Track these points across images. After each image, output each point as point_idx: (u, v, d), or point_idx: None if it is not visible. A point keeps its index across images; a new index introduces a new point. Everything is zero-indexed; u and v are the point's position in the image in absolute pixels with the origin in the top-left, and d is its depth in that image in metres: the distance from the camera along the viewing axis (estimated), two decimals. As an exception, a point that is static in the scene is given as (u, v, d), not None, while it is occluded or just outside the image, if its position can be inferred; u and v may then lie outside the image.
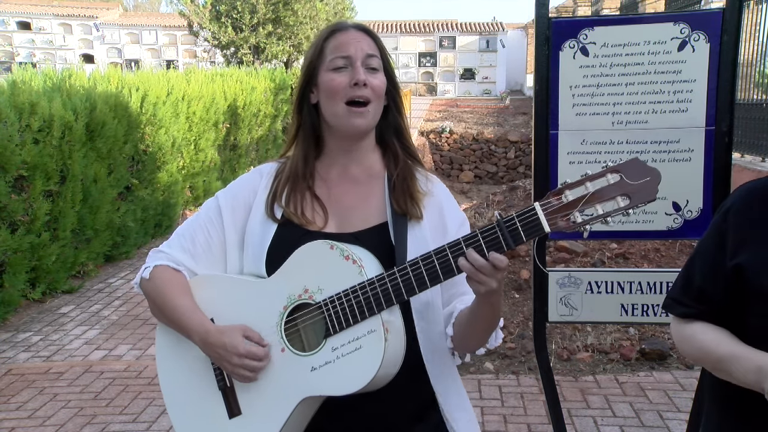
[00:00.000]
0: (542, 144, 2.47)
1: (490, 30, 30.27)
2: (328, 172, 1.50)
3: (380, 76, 1.44)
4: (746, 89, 6.98)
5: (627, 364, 4.20)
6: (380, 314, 1.29)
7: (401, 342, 1.34)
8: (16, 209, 5.17)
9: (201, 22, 16.93)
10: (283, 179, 1.49)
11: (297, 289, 1.35)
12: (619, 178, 1.22)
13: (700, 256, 1.45)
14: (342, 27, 1.47)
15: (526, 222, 1.24)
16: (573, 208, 1.23)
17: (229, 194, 1.52)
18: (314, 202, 1.47)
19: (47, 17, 30.58)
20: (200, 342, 1.40)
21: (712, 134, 2.37)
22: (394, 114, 1.51)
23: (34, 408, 3.85)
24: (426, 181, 1.50)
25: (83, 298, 5.85)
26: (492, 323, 1.40)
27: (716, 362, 1.35)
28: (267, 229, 1.45)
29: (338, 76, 1.41)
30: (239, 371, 1.36)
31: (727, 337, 1.36)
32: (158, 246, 1.54)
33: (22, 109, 5.41)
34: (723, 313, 1.38)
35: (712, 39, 2.32)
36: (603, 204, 1.22)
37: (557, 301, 2.57)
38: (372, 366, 1.27)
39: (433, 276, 1.28)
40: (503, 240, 1.25)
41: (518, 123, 19.16)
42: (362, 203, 1.47)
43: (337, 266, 1.32)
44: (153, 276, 1.47)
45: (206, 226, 1.50)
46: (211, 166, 9.33)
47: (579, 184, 1.23)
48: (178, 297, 1.44)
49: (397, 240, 1.39)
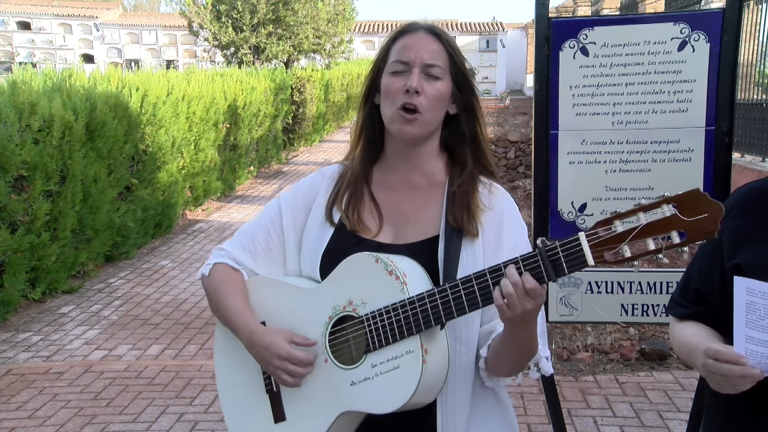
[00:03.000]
0: (542, 144, 2.47)
1: (490, 30, 30.28)
2: (389, 177, 1.47)
3: (440, 84, 1.39)
4: (746, 89, 6.97)
5: (627, 364, 4.20)
6: (419, 335, 1.26)
7: (443, 363, 1.30)
8: (16, 209, 5.17)
9: (201, 22, 16.92)
10: (345, 183, 1.47)
11: (342, 300, 1.34)
12: (675, 212, 1.11)
13: (699, 258, 1.46)
14: (409, 29, 1.43)
15: (569, 252, 1.16)
16: (622, 241, 1.13)
17: (291, 195, 1.53)
18: (373, 207, 1.45)
19: (47, 17, 30.59)
20: (246, 341, 1.41)
21: (712, 134, 2.37)
22: (465, 122, 1.45)
23: (34, 408, 3.85)
24: (488, 194, 1.43)
25: (83, 298, 5.85)
26: (528, 348, 1.32)
27: (687, 356, 1.39)
28: (324, 233, 1.44)
29: (395, 80, 1.38)
30: (280, 374, 1.36)
31: (703, 332, 1.38)
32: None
33: (22, 109, 5.41)
34: (720, 314, 1.38)
35: (712, 39, 2.32)
36: (656, 239, 1.13)
37: (557, 301, 2.57)
38: (408, 388, 1.25)
39: (472, 301, 1.24)
40: (544, 270, 1.18)
41: (518, 123, 19.15)
42: (419, 212, 1.43)
43: (381, 281, 1.29)
44: (213, 273, 1.49)
45: (267, 227, 1.51)
46: (211, 166, 9.33)
47: (631, 214, 1.14)
48: (232, 295, 1.45)
49: (448, 256, 1.35)
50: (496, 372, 1.38)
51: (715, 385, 1.26)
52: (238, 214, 9.13)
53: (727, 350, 1.22)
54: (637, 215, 1.13)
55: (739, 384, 1.22)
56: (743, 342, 1.22)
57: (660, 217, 1.12)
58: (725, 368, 1.20)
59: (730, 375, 1.20)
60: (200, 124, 8.87)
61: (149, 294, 5.82)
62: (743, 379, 1.20)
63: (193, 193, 8.97)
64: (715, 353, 1.22)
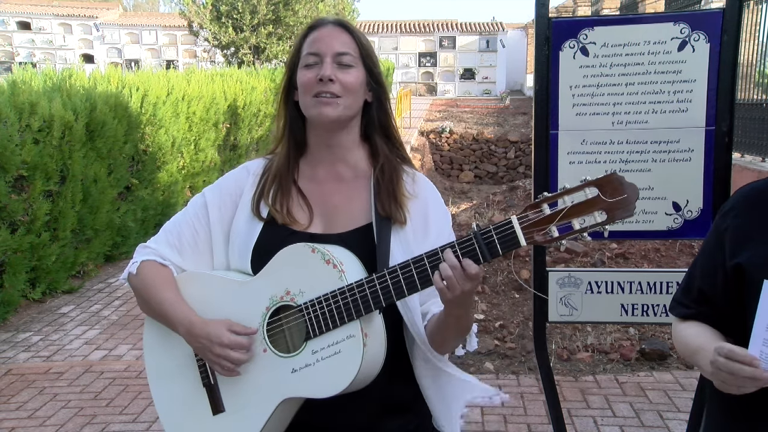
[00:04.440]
0: (542, 144, 2.47)
1: (490, 30, 30.27)
2: (315, 170, 1.50)
3: (353, 72, 1.42)
4: (746, 89, 6.98)
5: (627, 364, 4.20)
6: (359, 320, 1.30)
7: (382, 347, 1.35)
8: (16, 209, 5.17)
9: (201, 22, 16.93)
10: (270, 177, 1.49)
11: (279, 290, 1.36)
12: (596, 193, 1.21)
13: (701, 258, 1.46)
14: (318, 24, 1.47)
15: (503, 235, 1.24)
16: (550, 222, 1.22)
17: (215, 191, 1.53)
18: (300, 200, 1.47)
19: (47, 17, 30.58)
20: (185, 333, 1.41)
21: (712, 134, 2.37)
22: (377, 110, 1.49)
23: (34, 408, 3.85)
24: (412, 182, 1.49)
25: (83, 298, 5.85)
26: (463, 329, 1.41)
27: (690, 356, 1.39)
28: (253, 228, 1.45)
29: (308, 72, 1.42)
30: (222, 362, 1.36)
31: (706, 332, 1.38)
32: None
33: (22, 109, 5.41)
34: (724, 314, 1.38)
35: (712, 39, 2.32)
36: (580, 219, 1.21)
37: (557, 301, 2.57)
38: (350, 371, 1.29)
39: (411, 285, 1.29)
40: (479, 252, 1.25)
41: (518, 123, 19.16)
42: (348, 203, 1.47)
43: (318, 270, 1.32)
44: (140, 271, 1.49)
45: (192, 222, 1.51)
46: (211, 166, 9.33)
47: (557, 197, 1.23)
48: (164, 290, 1.45)
49: (380, 244, 1.39)
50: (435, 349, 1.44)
51: (720, 384, 1.26)
52: (238, 214, 9.12)
53: (741, 350, 1.22)
54: (562, 198, 1.22)
55: (745, 385, 1.22)
56: (759, 344, 1.22)
57: (583, 198, 1.21)
58: (736, 368, 1.20)
59: (740, 375, 1.20)
60: (200, 124, 8.87)
61: (149, 294, 5.83)
62: (752, 381, 1.20)
63: (193, 193, 8.97)
64: (729, 352, 1.22)
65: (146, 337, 1.55)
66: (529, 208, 1.24)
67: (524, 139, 16.92)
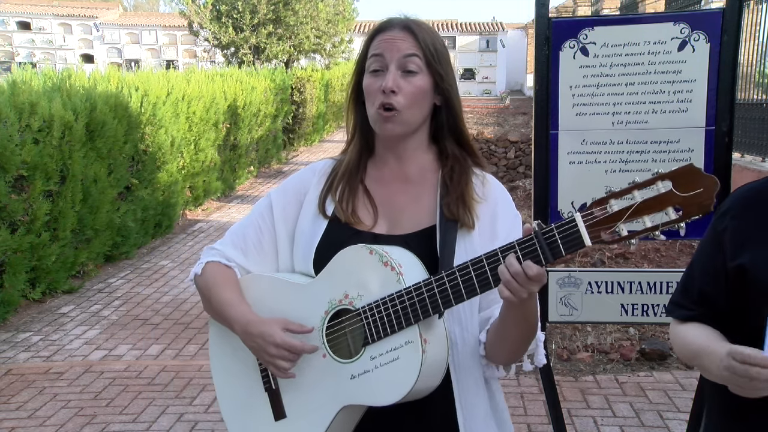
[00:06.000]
0: (542, 144, 2.47)
1: (490, 30, 30.30)
2: (381, 171, 1.48)
3: (417, 80, 1.38)
4: (746, 89, 6.97)
5: (627, 364, 4.20)
6: (418, 324, 1.25)
7: (443, 352, 1.29)
8: (16, 209, 5.17)
9: (201, 22, 16.93)
10: (339, 175, 1.48)
11: (338, 294, 1.33)
12: (670, 187, 1.11)
13: (700, 259, 1.45)
14: (384, 27, 1.44)
15: (566, 234, 1.15)
16: (618, 219, 1.13)
17: (280, 191, 1.53)
18: (366, 200, 1.45)
19: (47, 17, 30.59)
20: (241, 332, 1.40)
21: (712, 134, 2.37)
22: (446, 113, 1.45)
23: (34, 408, 3.85)
24: (482, 186, 1.44)
25: (83, 298, 5.85)
26: (526, 333, 1.33)
27: (693, 357, 1.37)
28: (317, 227, 1.44)
29: (373, 81, 1.39)
30: (276, 362, 1.35)
31: (708, 332, 1.37)
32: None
33: (22, 109, 5.41)
34: (724, 315, 1.38)
35: (712, 39, 2.32)
36: (652, 216, 1.12)
37: (557, 301, 2.57)
38: (409, 378, 1.24)
39: (470, 289, 1.23)
40: (541, 253, 1.17)
41: (518, 123, 19.15)
42: (414, 204, 1.43)
43: (377, 272, 1.28)
44: (204, 271, 1.49)
45: (257, 223, 1.51)
46: (211, 166, 9.32)
47: (626, 193, 1.13)
48: (225, 291, 1.45)
49: (444, 247, 1.34)
50: (494, 358, 1.38)
51: (736, 388, 1.23)
52: (238, 214, 9.13)
53: (756, 353, 1.19)
54: (632, 193, 1.12)
55: (763, 389, 1.19)
56: None
57: (655, 193, 1.11)
58: (754, 371, 1.17)
59: (759, 378, 1.17)
60: (200, 124, 8.87)
61: (149, 294, 5.82)
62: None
63: (193, 193, 8.97)
64: (743, 356, 1.19)
65: (212, 340, 1.55)
66: (594, 205, 1.14)
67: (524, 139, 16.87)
